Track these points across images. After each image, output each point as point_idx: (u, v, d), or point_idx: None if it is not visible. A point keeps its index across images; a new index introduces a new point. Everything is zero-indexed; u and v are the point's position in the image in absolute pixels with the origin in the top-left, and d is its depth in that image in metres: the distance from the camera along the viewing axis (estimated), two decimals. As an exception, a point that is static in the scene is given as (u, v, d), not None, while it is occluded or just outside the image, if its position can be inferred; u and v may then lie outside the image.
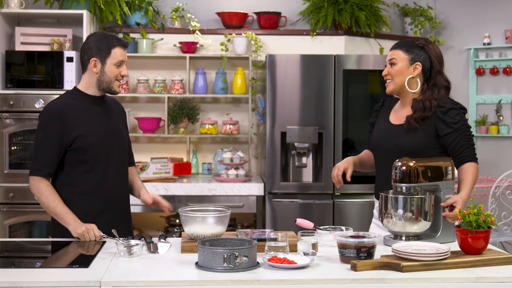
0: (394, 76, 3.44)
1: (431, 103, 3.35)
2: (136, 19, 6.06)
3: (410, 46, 3.46)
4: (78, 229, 3.25)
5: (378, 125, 3.59)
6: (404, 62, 3.43)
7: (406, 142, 3.37)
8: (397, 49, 3.47)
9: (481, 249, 2.89)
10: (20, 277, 2.60)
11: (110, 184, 3.44)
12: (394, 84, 3.44)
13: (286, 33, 6.21)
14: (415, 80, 3.44)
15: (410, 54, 3.43)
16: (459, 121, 3.34)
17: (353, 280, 2.61)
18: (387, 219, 3.17)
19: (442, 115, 3.34)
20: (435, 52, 3.46)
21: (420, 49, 3.45)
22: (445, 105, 3.35)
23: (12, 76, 5.59)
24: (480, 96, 6.62)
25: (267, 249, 2.87)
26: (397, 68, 3.43)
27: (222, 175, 5.79)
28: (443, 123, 3.34)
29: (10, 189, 5.56)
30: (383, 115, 3.60)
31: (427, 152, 3.36)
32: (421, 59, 3.43)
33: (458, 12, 6.73)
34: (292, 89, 5.52)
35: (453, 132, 3.33)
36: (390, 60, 3.46)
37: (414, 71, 3.43)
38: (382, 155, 3.50)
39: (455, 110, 3.35)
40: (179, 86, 6.06)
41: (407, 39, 3.57)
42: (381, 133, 3.52)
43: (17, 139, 5.63)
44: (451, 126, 3.33)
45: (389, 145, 3.44)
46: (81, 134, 3.35)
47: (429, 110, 3.35)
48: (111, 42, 3.40)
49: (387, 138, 3.47)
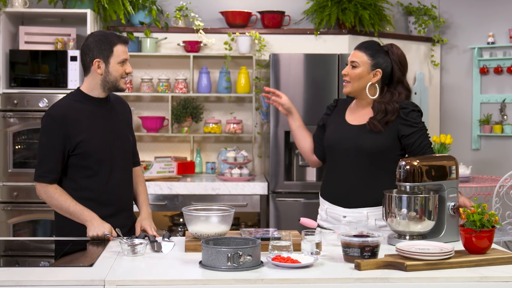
0: (353, 79, 3.41)
1: (394, 106, 3.35)
2: (140, 18, 6.07)
3: (375, 50, 3.42)
4: (98, 229, 3.23)
5: (333, 125, 3.55)
6: (365, 66, 3.39)
7: (366, 143, 3.37)
8: (361, 51, 3.43)
9: (485, 249, 2.89)
10: (24, 276, 2.61)
11: (114, 189, 3.41)
12: (352, 87, 3.42)
13: (290, 32, 6.21)
14: (374, 86, 3.42)
15: (374, 59, 3.39)
16: (420, 122, 3.38)
17: (357, 279, 2.61)
18: (390, 218, 3.17)
19: (404, 116, 3.36)
20: (399, 59, 3.43)
21: (384, 54, 3.41)
22: (407, 107, 3.37)
23: (16, 75, 5.60)
24: (484, 95, 6.61)
25: (271, 248, 2.87)
26: (357, 72, 3.40)
27: (225, 174, 5.79)
28: (406, 124, 3.35)
29: (14, 188, 5.57)
30: (337, 115, 3.57)
31: (387, 153, 3.37)
32: (383, 66, 3.40)
33: (462, 11, 6.72)
34: (296, 88, 5.52)
35: (416, 131, 3.35)
36: (352, 62, 3.42)
37: (374, 78, 3.40)
38: (338, 154, 3.48)
39: (415, 112, 3.38)
40: (182, 85, 6.06)
41: (373, 41, 3.51)
42: (338, 133, 3.49)
43: (21, 138, 5.63)
44: (414, 126, 3.35)
45: (347, 145, 3.42)
46: (84, 139, 3.31)
47: (392, 113, 3.35)
48: (112, 40, 3.33)
49: (345, 138, 3.44)
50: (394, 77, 3.42)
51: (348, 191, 3.43)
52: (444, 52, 6.80)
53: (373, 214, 3.38)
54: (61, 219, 3.37)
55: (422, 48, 6.69)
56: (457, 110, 6.73)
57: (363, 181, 3.40)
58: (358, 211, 3.40)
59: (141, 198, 3.60)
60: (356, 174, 3.41)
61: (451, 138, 5.78)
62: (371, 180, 3.39)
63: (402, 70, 3.43)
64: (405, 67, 3.46)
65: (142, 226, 3.45)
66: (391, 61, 3.41)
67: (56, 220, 3.43)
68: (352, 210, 3.41)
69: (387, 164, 3.37)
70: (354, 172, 3.41)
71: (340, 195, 3.46)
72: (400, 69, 3.42)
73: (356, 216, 3.39)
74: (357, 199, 3.41)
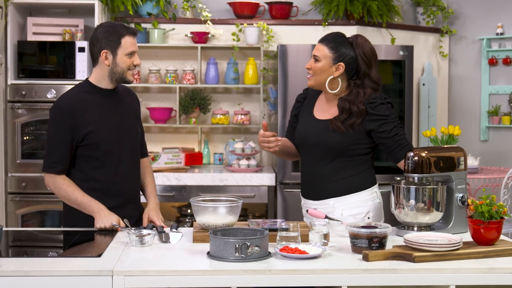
0: (315, 73, 3.38)
1: (359, 108, 3.31)
2: (148, 9, 6.06)
3: (337, 43, 3.35)
4: (106, 221, 3.24)
5: (302, 119, 3.53)
6: (327, 60, 3.35)
7: (333, 139, 3.35)
8: (323, 45, 3.38)
9: (494, 240, 2.88)
10: (32, 266, 2.62)
11: (122, 180, 3.42)
12: (315, 80, 3.39)
13: (298, 23, 6.20)
14: (336, 80, 3.37)
15: (335, 52, 3.34)
16: (389, 114, 3.33)
17: (365, 270, 2.60)
18: (399, 210, 3.16)
19: (372, 111, 3.32)
20: (364, 51, 3.35)
21: (348, 47, 3.35)
22: (375, 101, 3.32)
23: (24, 66, 5.61)
24: (493, 87, 6.59)
25: (279, 239, 2.87)
26: (319, 65, 3.36)
27: (233, 165, 5.79)
28: (374, 119, 3.32)
29: (22, 179, 5.59)
30: (306, 107, 3.55)
31: (355, 148, 3.36)
32: (346, 59, 3.34)
33: (471, 1, 6.69)
34: (303, 79, 5.46)
35: (385, 123, 3.32)
36: (314, 56, 3.38)
37: (336, 72, 3.35)
38: (306, 150, 3.48)
39: (384, 105, 3.34)
40: (190, 76, 6.06)
41: (338, 33, 3.43)
42: (305, 127, 3.48)
43: (29, 129, 5.65)
44: (382, 119, 3.32)
45: (314, 140, 3.41)
46: (92, 131, 3.31)
47: (358, 116, 3.31)
48: (120, 32, 3.32)
49: (311, 134, 3.42)
50: (360, 71, 3.36)
51: (315, 183, 3.43)
52: (453, 43, 6.77)
53: (340, 204, 3.38)
54: (69, 210, 3.38)
55: (431, 39, 6.66)
56: (466, 101, 6.71)
57: (329, 172, 3.39)
58: (325, 202, 3.40)
59: (149, 189, 3.61)
60: (323, 167, 3.40)
61: (460, 129, 5.76)
62: (338, 172, 3.38)
63: (367, 62, 3.35)
64: (371, 59, 3.37)
65: (149, 217, 3.45)
66: (355, 53, 3.35)
67: (64, 210, 3.44)
68: (320, 202, 3.42)
69: (354, 157, 3.38)
70: (321, 164, 3.41)
71: (309, 187, 3.47)
72: (365, 62, 3.35)
73: (324, 207, 3.39)
74: (324, 191, 3.41)
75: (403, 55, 5.66)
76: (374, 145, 3.40)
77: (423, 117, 6.50)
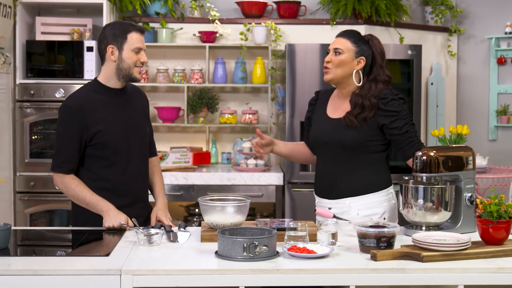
0: (336, 66, 3.37)
1: (371, 101, 3.32)
2: (156, 8, 6.07)
3: (357, 38, 3.41)
4: (114, 220, 3.25)
5: (316, 120, 3.55)
6: (350, 53, 3.37)
7: (347, 136, 3.35)
8: (345, 38, 3.41)
9: (502, 240, 2.87)
10: (41, 265, 2.62)
11: (131, 180, 3.42)
12: (334, 74, 3.39)
13: (306, 22, 6.19)
14: (358, 74, 3.40)
15: (358, 46, 3.38)
16: (401, 110, 3.33)
17: (373, 270, 2.60)
18: (407, 209, 3.16)
19: (384, 106, 3.33)
20: (379, 49, 3.42)
21: (365, 44, 3.41)
22: (386, 97, 3.33)
23: (32, 65, 5.62)
24: (502, 86, 6.57)
25: (287, 239, 2.87)
26: (342, 58, 3.37)
27: (241, 164, 5.79)
28: (385, 114, 3.32)
29: (31, 178, 5.60)
30: (319, 108, 3.56)
31: (369, 145, 3.36)
32: (366, 54, 3.39)
33: (480, 0, 6.67)
34: (311, 79, 5.50)
35: (397, 119, 3.32)
36: (336, 49, 3.39)
37: (358, 65, 3.39)
38: (320, 149, 3.48)
39: (396, 101, 3.34)
40: (198, 76, 6.06)
41: (355, 30, 3.49)
42: (319, 127, 3.49)
43: (38, 129, 5.66)
44: (394, 115, 3.32)
45: (328, 139, 3.41)
46: (101, 130, 3.32)
47: (370, 110, 3.32)
48: (126, 28, 3.34)
49: (325, 132, 3.43)
50: (375, 66, 3.40)
51: (331, 182, 3.43)
52: (461, 42, 6.75)
53: (355, 204, 3.38)
54: (77, 209, 3.39)
55: (439, 38, 6.65)
56: (474, 101, 6.69)
57: (345, 171, 3.39)
58: (341, 202, 3.39)
59: (157, 188, 3.61)
60: (338, 165, 3.40)
61: (468, 129, 5.73)
62: (353, 170, 3.38)
63: (381, 61, 3.41)
64: (385, 56, 3.45)
65: (157, 216, 3.45)
66: (372, 50, 3.40)
67: (73, 210, 3.45)
68: (336, 201, 3.41)
69: (369, 154, 3.37)
70: (336, 163, 3.41)
71: (324, 186, 3.47)
72: (379, 60, 3.40)
73: (339, 206, 3.39)
74: (339, 190, 3.40)
75: (412, 54, 5.65)
76: (388, 141, 3.40)
77: (431, 117, 6.49)
